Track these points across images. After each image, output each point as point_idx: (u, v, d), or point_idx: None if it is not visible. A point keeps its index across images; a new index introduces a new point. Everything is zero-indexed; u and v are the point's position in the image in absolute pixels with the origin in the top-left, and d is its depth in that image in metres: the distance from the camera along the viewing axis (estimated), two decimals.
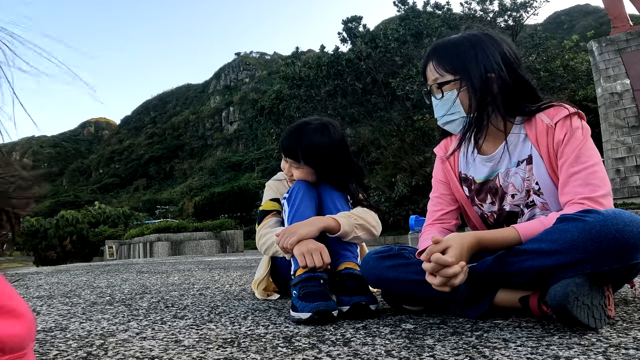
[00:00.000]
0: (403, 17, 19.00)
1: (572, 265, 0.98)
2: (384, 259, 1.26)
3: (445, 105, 1.24)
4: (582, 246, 0.96)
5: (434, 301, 1.25)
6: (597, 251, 0.94)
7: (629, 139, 6.50)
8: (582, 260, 0.96)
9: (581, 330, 0.98)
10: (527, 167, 1.22)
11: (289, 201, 1.58)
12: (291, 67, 20.89)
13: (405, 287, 1.23)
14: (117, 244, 17.47)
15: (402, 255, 1.26)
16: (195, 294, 1.98)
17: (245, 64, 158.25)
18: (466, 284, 1.13)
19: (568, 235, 0.97)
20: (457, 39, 1.24)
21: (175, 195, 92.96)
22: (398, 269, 1.23)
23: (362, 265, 1.31)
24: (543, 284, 1.06)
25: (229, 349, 0.96)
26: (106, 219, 33.18)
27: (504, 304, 1.15)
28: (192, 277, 2.99)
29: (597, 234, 0.94)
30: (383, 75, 18.36)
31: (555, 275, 1.00)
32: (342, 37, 21.12)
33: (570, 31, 60.11)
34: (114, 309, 1.61)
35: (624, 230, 0.92)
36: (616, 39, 6.91)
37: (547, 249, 1.00)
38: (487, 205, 1.31)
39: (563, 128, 1.15)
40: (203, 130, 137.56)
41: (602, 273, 0.97)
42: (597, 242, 0.94)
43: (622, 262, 0.94)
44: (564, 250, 0.98)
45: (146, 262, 6.13)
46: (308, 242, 1.36)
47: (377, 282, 1.28)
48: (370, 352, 0.89)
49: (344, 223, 1.45)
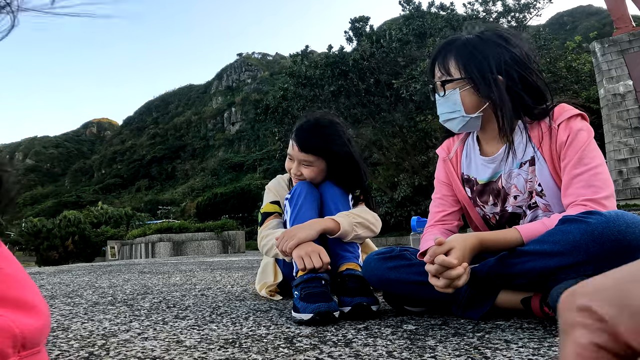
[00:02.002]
0: (407, 16, 19.01)
1: (574, 266, 0.97)
2: (385, 260, 1.26)
3: (447, 103, 1.24)
4: (584, 247, 0.95)
5: (435, 302, 1.25)
6: (599, 253, 0.94)
7: (631, 140, 6.48)
8: (584, 261, 0.96)
9: None
10: (530, 168, 1.21)
11: (290, 202, 1.58)
12: (298, 65, 20.90)
13: (407, 288, 1.23)
14: (119, 245, 17.49)
15: (404, 256, 1.26)
16: (196, 295, 1.98)
17: (247, 65, 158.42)
18: (468, 285, 1.13)
19: (570, 237, 0.97)
20: (466, 39, 1.23)
21: (177, 196, 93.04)
22: (400, 270, 1.23)
23: (364, 267, 1.32)
24: (545, 285, 1.05)
25: (230, 349, 0.96)
26: (108, 220, 33.24)
27: (506, 305, 1.15)
28: (194, 277, 2.99)
29: (600, 235, 0.93)
30: (386, 75, 18.35)
31: (557, 277, 1.00)
32: (348, 36, 21.14)
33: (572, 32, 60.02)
34: (116, 309, 1.61)
35: (626, 231, 0.92)
36: (619, 40, 6.90)
37: (549, 250, 1.00)
38: (490, 206, 1.30)
39: (566, 130, 1.14)
40: (205, 130, 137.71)
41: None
42: (599, 244, 0.94)
43: (625, 264, 0.94)
44: (565, 252, 0.98)
45: (148, 262, 6.14)
46: (307, 245, 1.36)
47: (379, 283, 1.28)
48: (372, 353, 0.89)
49: (343, 223, 1.45)
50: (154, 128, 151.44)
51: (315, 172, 1.59)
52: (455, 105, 1.22)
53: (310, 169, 1.59)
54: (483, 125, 1.26)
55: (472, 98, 1.20)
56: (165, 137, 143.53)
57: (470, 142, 1.35)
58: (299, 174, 1.62)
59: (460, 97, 1.21)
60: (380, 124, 19.86)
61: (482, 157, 1.29)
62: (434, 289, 1.04)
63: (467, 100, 1.20)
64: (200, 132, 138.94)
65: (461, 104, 1.21)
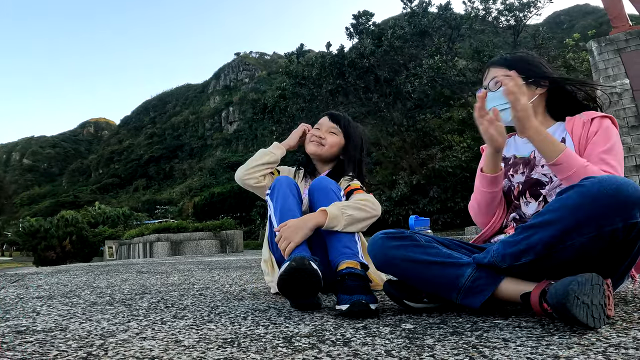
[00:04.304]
0: (409, 14, 19.03)
1: (577, 229, 1.02)
2: (393, 239, 1.28)
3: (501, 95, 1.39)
4: (583, 208, 1.01)
5: (438, 286, 1.23)
6: (598, 210, 0.99)
7: (628, 138, 6.49)
8: (585, 222, 1.01)
9: (581, 330, 0.98)
10: None
11: (272, 197, 1.64)
12: (294, 63, 20.86)
13: (411, 268, 1.24)
14: (117, 244, 17.45)
15: (414, 238, 1.29)
16: (195, 294, 1.98)
17: (244, 64, 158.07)
18: (473, 269, 1.16)
19: (570, 202, 1.03)
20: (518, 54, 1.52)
21: (175, 196, 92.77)
22: (407, 249, 1.26)
23: (370, 244, 1.33)
24: (550, 263, 1.08)
25: (229, 349, 0.96)
26: (106, 219, 33.17)
27: (507, 295, 1.14)
28: (192, 277, 2.99)
29: (597, 192, 0.99)
30: (385, 73, 18.37)
31: (564, 244, 1.04)
32: (349, 31, 21.07)
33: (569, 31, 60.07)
34: (114, 309, 1.61)
35: (620, 188, 0.98)
36: (615, 38, 6.91)
37: (551, 218, 1.06)
38: (518, 175, 1.47)
39: (598, 124, 1.35)
40: (203, 130, 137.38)
41: (607, 236, 1.01)
42: (597, 200, 0.99)
43: (623, 220, 0.99)
44: (567, 215, 1.03)
45: (146, 262, 6.13)
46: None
47: (383, 260, 1.29)
48: (370, 352, 0.90)
49: (331, 209, 1.51)
50: (151, 127, 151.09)
51: (336, 142, 1.88)
52: None
53: (335, 138, 1.87)
54: None
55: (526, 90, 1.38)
56: (162, 137, 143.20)
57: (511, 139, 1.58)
58: (323, 138, 1.87)
59: None
60: (379, 122, 19.88)
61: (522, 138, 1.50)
62: (439, 268, 1.15)
63: None
64: (197, 131, 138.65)
65: None
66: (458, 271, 1.18)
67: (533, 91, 1.44)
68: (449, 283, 1.18)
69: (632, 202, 0.98)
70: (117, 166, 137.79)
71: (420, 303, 1.31)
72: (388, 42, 18.00)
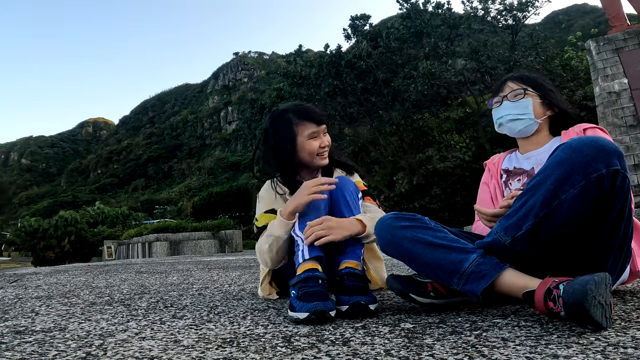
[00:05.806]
0: (405, 15, 19.01)
1: (568, 179, 1.08)
2: (403, 219, 1.30)
3: (518, 107, 1.56)
4: (569, 159, 1.09)
5: (440, 269, 1.21)
6: (582, 158, 1.07)
7: (626, 138, 6.49)
8: (574, 170, 1.08)
9: (580, 329, 0.98)
10: None
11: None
12: (293, 64, 20.84)
13: (416, 249, 1.24)
14: (116, 244, 17.43)
15: (423, 220, 1.31)
16: (194, 294, 1.98)
17: (243, 64, 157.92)
18: (479, 255, 1.17)
19: (556, 159, 1.12)
20: (534, 75, 1.65)
21: (174, 195, 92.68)
22: (415, 230, 1.27)
23: (378, 225, 1.34)
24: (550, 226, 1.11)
25: (228, 348, 0.96)
26: (104, 219, 33.17)
27: (509, 287, 1.12)
28: (191, 277, 2.99)
29: (578, 143, 1.10)
30: (383, 74, 18.37)
31: (559, 198, 1.08)
32: (346, 33, 21.08)
33: (568, 30, 60.17)
34: (113, 309, 1.61)
35: (598, 139, 1.09)
36: (614, 38, 6.91)
37: (543, 177, 1.12)
38: (515, 182, 1.58)
39: (591, 134, 1.42)
40: (201, 130, 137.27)
41: (595, 183, 1.07)
42: (580, 150, 1.08)
43: (606, 166, 1.06)
44: (557, 169, 1.10)
45: (145, 262, 6.12)
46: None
47: (389, 239, 1.30)
48: (370, 351, 0.90)
49: (369, 225, 1.48)
50: (150, 127, 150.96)
51: (329, 140, 1.77)
52: (527, 109, 1.56)
53: (328, 137, 1.75)
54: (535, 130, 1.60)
55: (540, 109, 1.57)
56: (161, 137, 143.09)
57: (513, 154, 1.69)
58: (323, 146, 1.69)
59: (533, 105, 1.56)
60: (377, 122, 19.88)
61: (522, 154, 1.64)
62: (445, 252, 1.19)
63: (537, 109, 1.57)
64: (196, 131, 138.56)
65: (532, 110, 1.56)
66: (463, 256, 1.18)
67: (544, 111, 1.58)
68: (452, 267, 1.18)
69: (610, 150, 1.07)
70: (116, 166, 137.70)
71: (427, 298, 1.29)
72: (384, 44, 18.00)
